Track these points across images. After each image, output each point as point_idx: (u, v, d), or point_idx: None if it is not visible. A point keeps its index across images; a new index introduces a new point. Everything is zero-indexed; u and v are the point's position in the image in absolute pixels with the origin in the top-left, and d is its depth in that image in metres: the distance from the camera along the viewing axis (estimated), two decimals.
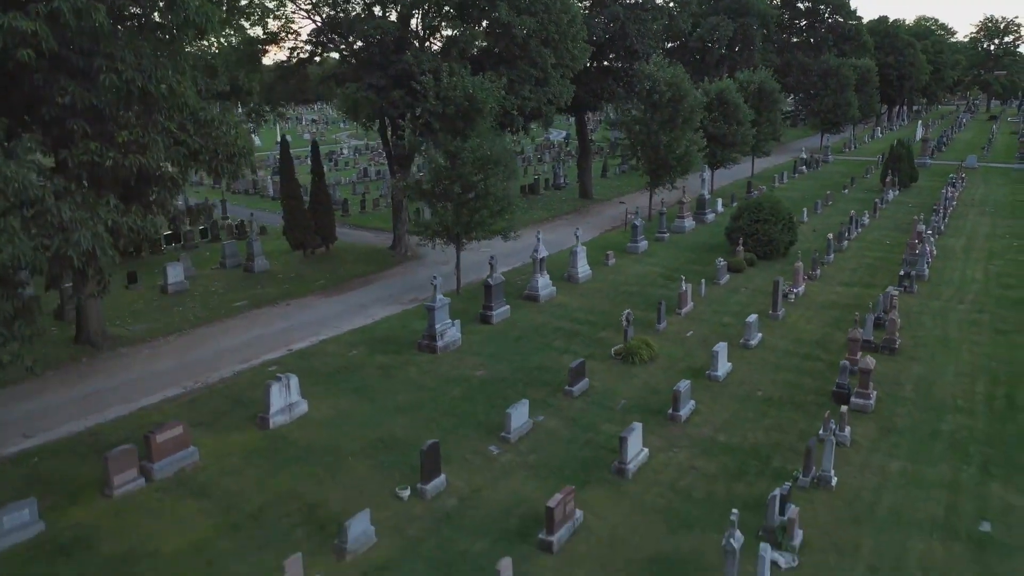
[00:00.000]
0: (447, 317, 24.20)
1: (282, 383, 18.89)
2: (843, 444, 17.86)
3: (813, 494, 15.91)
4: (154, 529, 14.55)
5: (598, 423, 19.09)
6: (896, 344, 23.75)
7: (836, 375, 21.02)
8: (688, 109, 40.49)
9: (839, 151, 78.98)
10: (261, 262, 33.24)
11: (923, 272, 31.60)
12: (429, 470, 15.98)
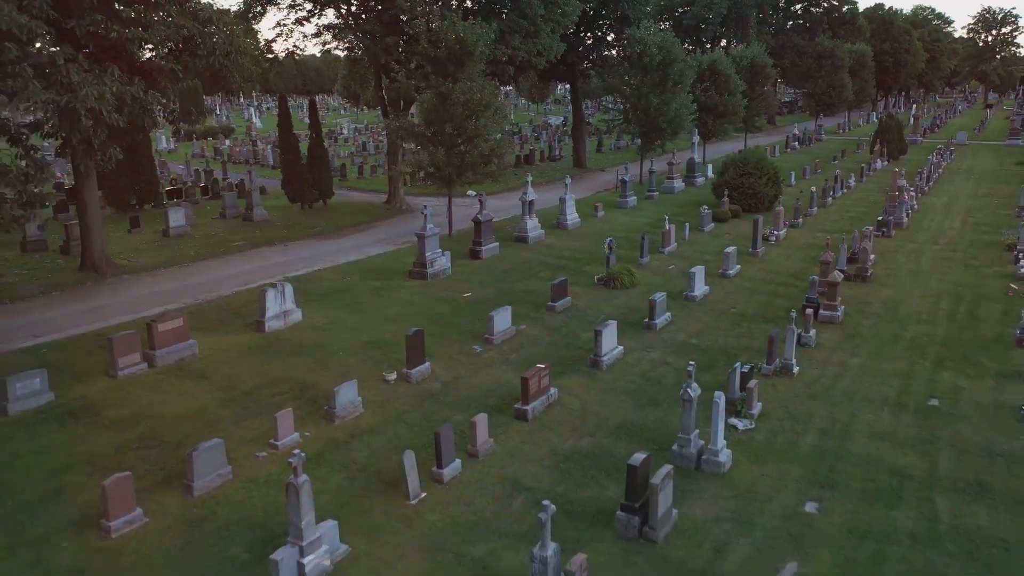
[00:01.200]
0: (437, 247, 25.21)
1: (277, 290, 19.92)
2: (807, 345, 18.87)
3: (775, 379, 16.91)
4: (156, 400, 15.58)
5: (578, 332, 20.06)
6: (868, 273, 24.74)
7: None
8: (678, 73, 41.42)
9: (833, 132, 79.85)
10: (260, 212, 34.22)
11: (902, 220, 32.56)
12: (414, 356, 16.99)
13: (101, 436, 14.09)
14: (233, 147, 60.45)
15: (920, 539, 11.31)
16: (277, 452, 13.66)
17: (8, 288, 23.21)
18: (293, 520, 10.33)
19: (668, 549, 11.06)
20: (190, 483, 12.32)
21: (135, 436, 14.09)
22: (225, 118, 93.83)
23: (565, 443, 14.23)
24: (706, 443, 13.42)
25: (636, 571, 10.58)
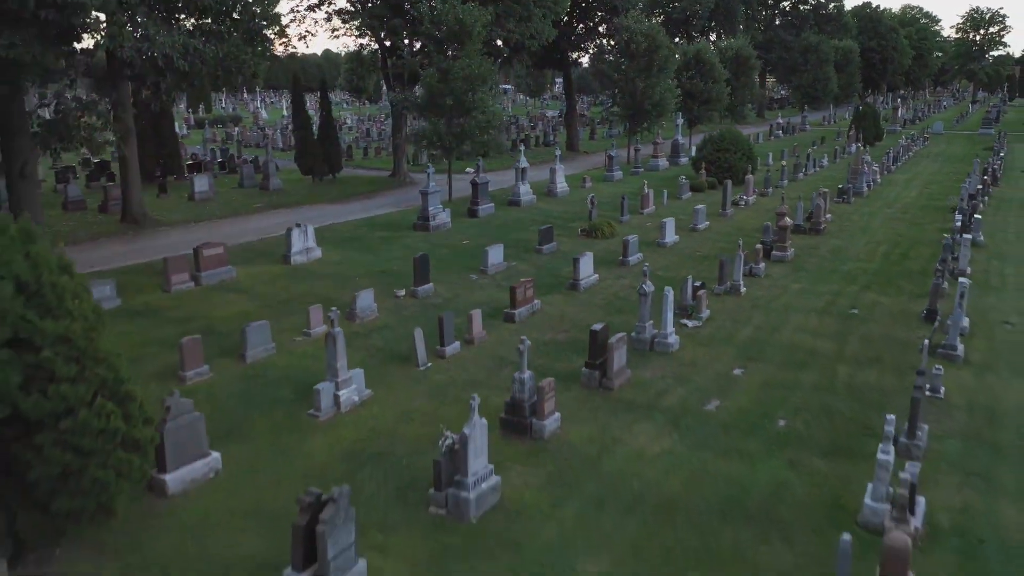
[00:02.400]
0: (439, 203, 28.37)
1: (300, 229, 23.06)
2: (757, 275, 22.01)
3: (724, 297, 20.04)
4: (206, 306, 18.71)
5: (561, 267, 23.17)
6: (821, 227, 27.90)
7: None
8: (662, 59, 44.58)
9: (817, 124, 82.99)
10: (275, 182, 37.32)
11: (862, 190, 35.73)
12: (420, 276, 20.13)
13: (165, 328, 17.18)
14: (244, 132, 63.49)
15: (819, 389, 14.44)
16: (310, 338, 16.77)
17: (58, 235, 26.29)
18: (331, 363, 13.44)
19: (620, 394, 14.18)
20: (243, 353, 15.45)
21: (193, 328, 17.15)
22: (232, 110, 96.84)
23: (545, 336, 17.34)
24: (658, 330, 16.54)
25: (595, 406, 13.71)
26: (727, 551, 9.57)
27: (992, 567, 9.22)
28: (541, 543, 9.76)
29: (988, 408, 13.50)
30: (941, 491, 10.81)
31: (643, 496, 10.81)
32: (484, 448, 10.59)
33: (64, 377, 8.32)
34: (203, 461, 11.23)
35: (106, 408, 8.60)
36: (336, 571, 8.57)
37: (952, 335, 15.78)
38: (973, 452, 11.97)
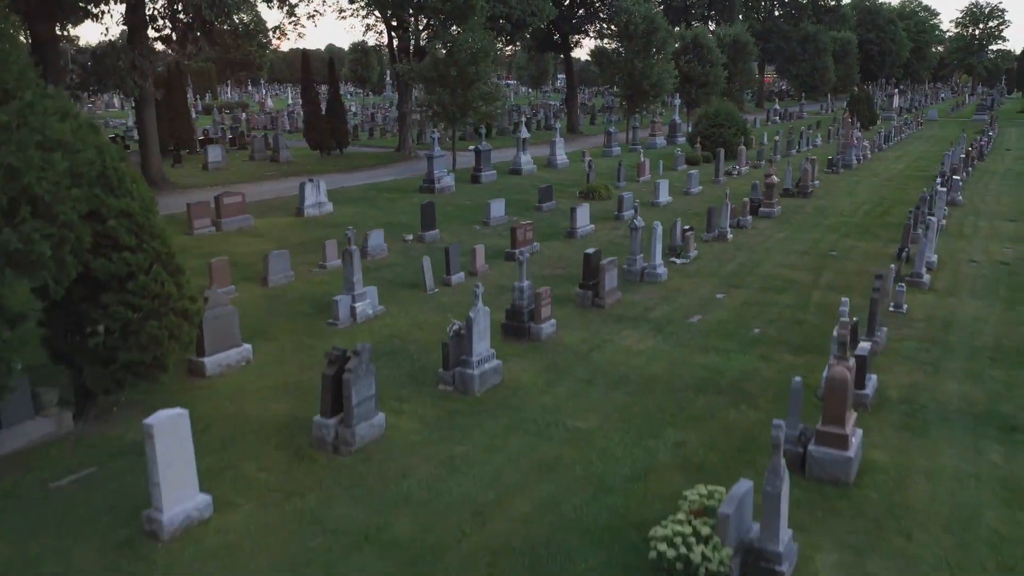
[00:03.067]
0: (444, 167, 29.71)
1: (313, 184, 24.43)
2: (744, 227, 23.33)
3: (712, 243, 21.39)
4: (227, 247, 20.04)
5: (559, 222, 24.51)
6: (808, 191, 29.22)
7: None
8: (660, 40, 45.89)
9: (815, 113, 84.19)
10: (285, 154, 38.70)
11: (851, 162, 37.02)
12: (427, 223, 21.49)
13: (191, 261, 18.30)
14: (252, 116, 64.87)
15: (793, 307, 15.78)
16: (325, 270, 18.14)
17: None
18: (347, 278, 14.80)
19: (611, 310, 15.53)
20: (265, 277, 16.83)
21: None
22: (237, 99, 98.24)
23: (543, 271, 18.68)
24: (648, 262, 17.87)
25: (588, 319, 15.06)
26: (700, 413, 10.92)
27: (930, 422, 10.56)
28: (537, 408, 11.11)
29: (945, 320, 14.83)
30: (894, 375, 12.14)
31: (628, 377, 12.16)
32: (487, 332, 11.94)
33: (126, 246, 9.68)
34: (236, 350, 12.59)
35: (161, 276, 9.97)
36: (359, 418, 9.93)
37: (918, 264, 17.12)
38: (927, 349, 13.30)
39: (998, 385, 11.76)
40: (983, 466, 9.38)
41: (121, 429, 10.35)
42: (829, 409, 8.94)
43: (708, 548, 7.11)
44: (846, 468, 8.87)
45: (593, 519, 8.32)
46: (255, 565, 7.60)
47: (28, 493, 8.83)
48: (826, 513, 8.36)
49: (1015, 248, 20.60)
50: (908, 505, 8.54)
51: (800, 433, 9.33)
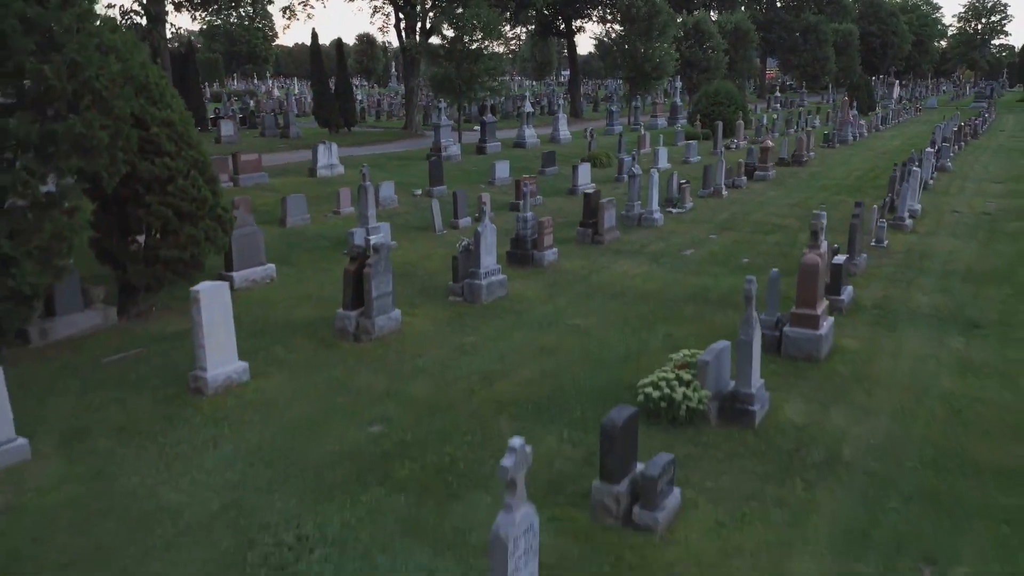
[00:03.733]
0: (450, 136, 30.70)
1: (326, 146, 25.42)
2: (740, 186, 24.28)
3: (708, 199, 22.36)
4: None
5: (562, 184, 25.48)
6: (803, 160, 30.15)
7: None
8: (661, 23, 46.84)
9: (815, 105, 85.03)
10: (295, 130, 39.68)
11: (847, 138, 37.94)
12: (435, 179, 22.48)
13: None
14: (260, 102, 65.89)
15: (780, 244, 16.76)
16: (340, 216, 19.13)
17: None
18: (362, 212, 15.79)
19: (609, 246, 16.52)
20: (283, 219, 17.84)
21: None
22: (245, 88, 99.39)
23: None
24: (645, 208, 18.84)
25: (587, 251, 16.05)
26: (690, 316, 11.91)
27: (900, 321, 11.54)
28: (539, 312, 12.11)
29: (923, 252, 15.80)
30: (870, 290, 13.12)
31: (624, 292, 13.16)
32: (493, 247, 12.94)
33: (167, 152, 10.69)
34: (262, 268, 13.61)
35: (198, 181, 10.98)
36: (378, 311, 10.94)
37: (901, 209, 18.08)
38: (902, 273, 14.27)
39: (965, 296, 12.73)
40: (944, 351, 10.36)
41: (160, 325, 11.37)
42: (802, 292, 9.92)
43: (689, 389, 8.11)
44: (817, 345, 9.85)
45: (589, 384, 9.31)
46: (290, 414, 8.60)
47: (83, 366, 9.84)
48: (798, 380, 9.35)
49: (998, 203, 21.54)
50: (872, 375, 9.52)
51: (776, 320, 10.31)
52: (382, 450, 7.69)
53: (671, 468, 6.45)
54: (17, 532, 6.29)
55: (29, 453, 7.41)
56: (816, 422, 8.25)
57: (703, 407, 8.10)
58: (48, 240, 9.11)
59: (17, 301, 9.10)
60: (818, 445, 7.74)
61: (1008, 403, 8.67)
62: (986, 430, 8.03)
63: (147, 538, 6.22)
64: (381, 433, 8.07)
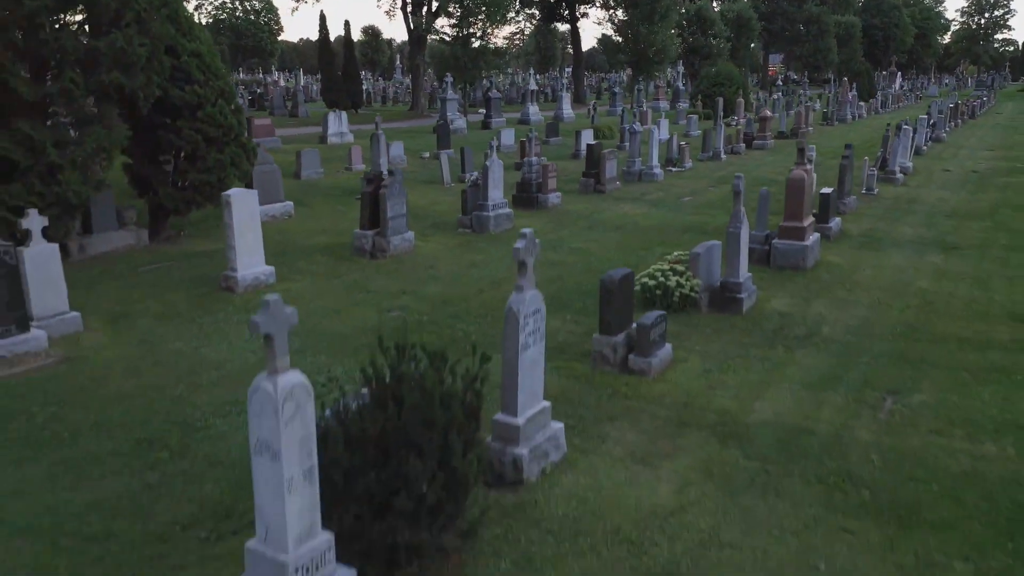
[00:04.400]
0: (457, 110, 31.43)
1: (336, 114, 26.16)
2: (738, 152, 24.98)
3: (707, 161, 23.07)
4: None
5: (566, 151, 26.22)
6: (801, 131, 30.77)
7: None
8: (664, 8, 47.50)
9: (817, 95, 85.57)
10: (303, 110, 40.46)
11: (845, 117, 38.60)
12: (443, 142, 23.21)
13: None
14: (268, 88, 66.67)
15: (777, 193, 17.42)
16: (351, 172, 19.87)
17: None
18: (374, 159, 16.52)
19: (611, 194, 17.24)
20: (298, 172, 18.58)
21: None
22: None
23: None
24: (645, 165, 19.56)
25: (589, 198, 16.79)
26: (686, 241, 12.58)
27: (884, 245, 12.25)
28: (545, 239, 12.80)
29: (911, 199, 16.50)
30: (858, 225, 13.82)
31: (624, 225, 13.89)
32: (500, 182, 13.68)
33: (196, 80, 11.43)
34: (280, 204, 14.36)
35: (224, 109, 11.72)
36: (392, 232, 11.67)
37: (892, 163, 18.76)
38: (890, 213, 14.97)
39: (948, 229, 13.44)
40: (923, 264, 11.07)
41: (189, 245, 12.13)
42: (789, 206, 10.64)
43: (682, 279, 8.83)
44: (803, 255, 10.56)
45: (589, 286, 10.00)
46: (315, 306, 9.33)
47: (121, 273, 10.59)
48: (785, 283, 10.08)
49: (988, 164, 22.21)
50: (854, 280, 10.24)
51: (766, 236, 11.03)
52: (401, 326, 8.43)
53: (662, 322, 7.18)
54: (79, 374, 7.04)
55: (81, 325, 8.16)
56: (799, 311, 8.97)
57: (695, 295, 8.82)
58: (89, 153, 9.85)
59: (63, 208, 9.83)
60: (800, 326, 8.46)
61: (976, 297, 9.38)
62: (953, 315, 8.74)
63: (194, 380, 6.96)
64: (399, 317, 8.81)
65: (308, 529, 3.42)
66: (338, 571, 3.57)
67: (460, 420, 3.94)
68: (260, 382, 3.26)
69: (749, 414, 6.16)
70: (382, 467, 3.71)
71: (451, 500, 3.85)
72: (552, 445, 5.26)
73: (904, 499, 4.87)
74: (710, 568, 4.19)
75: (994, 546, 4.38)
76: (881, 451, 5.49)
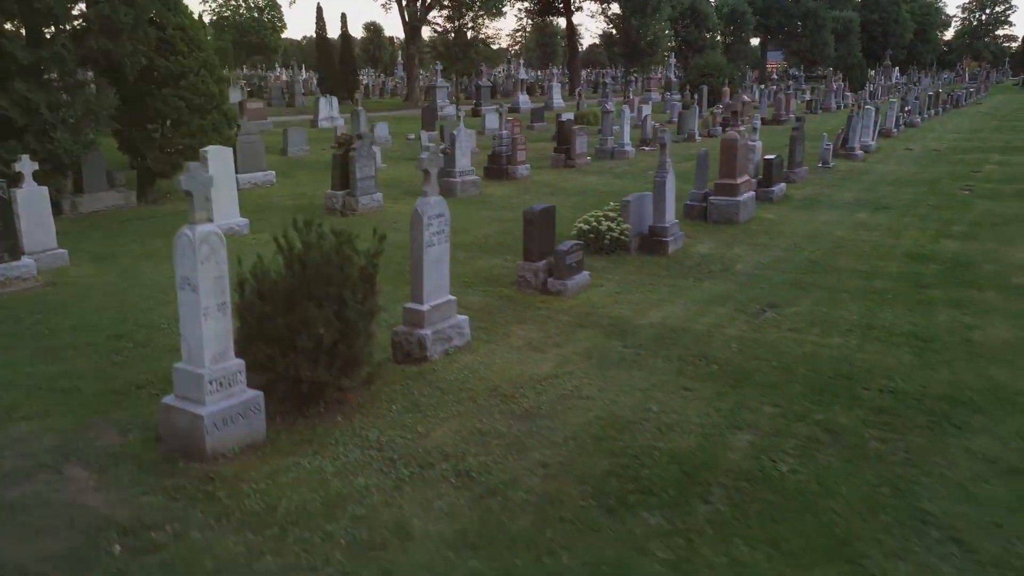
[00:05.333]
0: (447, 98, 32.36)
1: (327, 99, 27.13)
2: (715, 135, 25.80)
3: (682, 142, 23.94)
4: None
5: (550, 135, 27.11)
6: (783, 119, 31.65)
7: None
8: (657, 0, 48.29)
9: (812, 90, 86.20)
10: (300, 100, 41.50)
11: (830, 106, 39.38)
12: (429, 124, 24.14)
13: None
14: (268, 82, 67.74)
15: None
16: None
17: None
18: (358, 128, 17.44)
19: (581, 168, 18.16)
20: (285, 148, 19.58)
21: None
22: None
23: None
24: (617, 143, 20.45)
25: (559, 172, 17.69)
26: None
27: (820, 206, 13.14)
28: (505, 202, 13.77)
29: (863, 172, 17.36)
30: (803, 191, 14.70)
31: (585, 192, 14.81)
32: (467, 150, 14.61)
33: (180, 51, 12.39)
34: (263, 173, 15.32)
35: (207, 79, 12.67)
36: (361, 192, 12.61)
37: (852, 140, 19.61)
38: (839, 183, 15.84)
39: (885, 193, 14.32)
40: (848, 219, 11.96)
41: (173, 206, 13.08)
42: (724, 165, 11.54)
43: (613, 224, 9.75)
44: (736, 210, 11.46)
45: None
46: None
47: (109, 224, 11.56)
48: (715, 233, 10.98)
49: (951, 145, 23.02)
50: (780, 231, 11.14)
51: (704, 194, 11.93)
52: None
53: (577, 250, 8.11)
54: (63, 294, 8.00)
55: (68, 260, 9.12)
56: (720, 253, 9.87)
57: (625, 238, 9.73)
58: (80, 115, 10.82)
59: (55, 165, 10.80)
60: (716, 264, 9.36)
61: (884, 242, 10.28)
62: (857, 254, 9.64)
63: (163, 298, 7.87)
64: None
65: (222, 352, 4.36)
66: (247, 392, 4.51)
67: (355, 281, 4.87)
68: (182, 230, 4.19)
69: (641, 319, 7.07)
70: (287, 314, 4.65)
71: (345, 343, 4.78)
72: (456, 332, 6.19)
73: (744, 370, 5.79)
74: (565, 411, 5.11)
75: (803, 398, 5.28)
76: (742, 343, 6.41)
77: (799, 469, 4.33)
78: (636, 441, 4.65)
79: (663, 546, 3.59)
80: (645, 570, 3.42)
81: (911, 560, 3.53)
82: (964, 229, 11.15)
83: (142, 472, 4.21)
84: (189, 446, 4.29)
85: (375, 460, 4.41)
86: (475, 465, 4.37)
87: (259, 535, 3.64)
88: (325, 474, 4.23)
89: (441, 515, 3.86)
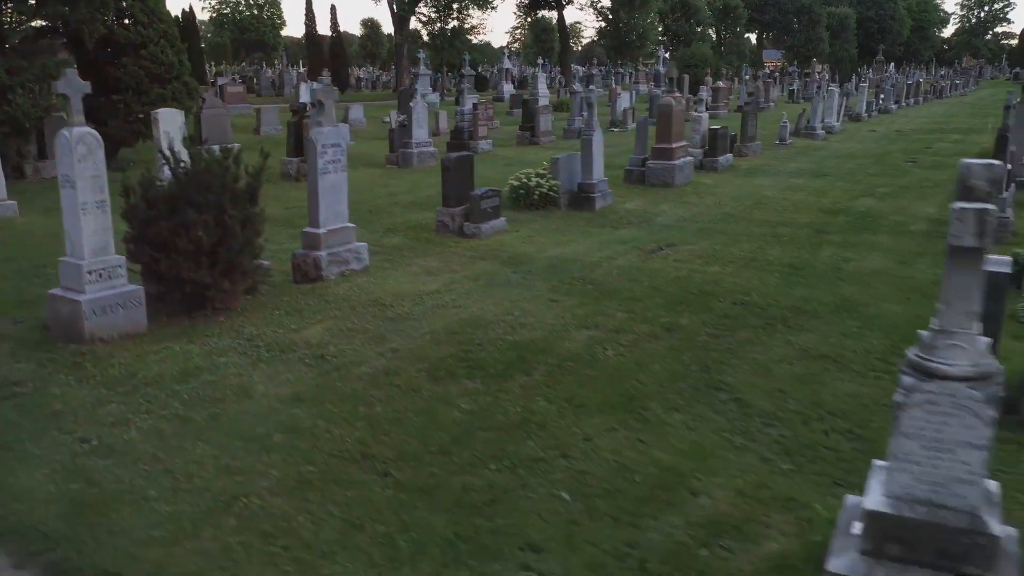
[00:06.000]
0: (429, 85, 32.77)
1: (308, 84, 27.56)
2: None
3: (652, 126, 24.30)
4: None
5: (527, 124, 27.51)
6: (761, 107, 31.98)
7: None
8: None
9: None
10: (289, 89, 41.90)
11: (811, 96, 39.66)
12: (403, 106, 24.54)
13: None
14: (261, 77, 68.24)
15: None
16: None
17: None
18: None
19: (544, 146, 18.59)
20: (258, 128, 20.00)
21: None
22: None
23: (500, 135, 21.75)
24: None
25: (522, 149, 18.13)
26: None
27: (764, 174, 13.54)
28: None
29: (818, 148, 17.75)
30: (752, 162, 15.10)
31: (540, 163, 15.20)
32: (424, 122, 15.05)
33: (140, 21, 12.84)
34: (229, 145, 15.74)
35: (167, 49, 13.12)
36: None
37: (813, 120, 20.00)
38: (791, 157, 16.23)
39: (831, 165, 14.71)
40: (784, 184, 12.37)
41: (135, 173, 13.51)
42: (660, 129, 11.96)
43: (543, 180, 10.18)
44: (672, 173, 11.87)
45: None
46: None
47: None
48: (648, 193, 11.39)
49: (916, 126, 23.40)
50: (712, 192, 11.55)
51: (643, 159, 12.35)
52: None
53: (493, 196, 8.54)
54: (4, 233, 8.45)
55: (18, 212, 9.57)
56: (646, 209, 10.29)
57: (554, 194, 10.15)
58: (37, 76, 11.27)
59: (15, 128, 11.26)
60: (638, 217, 9.78)
61: (806, 200, 10.69)
62: (775, 209, 10.05)
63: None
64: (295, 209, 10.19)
65: (103, 247, 4.80)
66: (128, 286, 4.95)
67: (238, 192, 5.31)
68: (61, 132, 4.63)
69: (541, 255, 7.50)
70: (169, 218, 5.09)
71: (224, 248, 5.22)
72: (353, 256, 6.63)
73: (614, 288, 6.21)
74: (434, 316, 5.54)
75: (658, 308, 5.71)
76: (625, 271, 6.83)
77: (625, 355, 4.76)
78: (487, 335, 5.08)
79: (470, 401, 4.02)
80: (445, 416, 3.85)
81: (688, 412, 3.96)
82: (889, 191, 11.55)
83: (24, 349, 4.65)
84: (70, 330, 4.73)
85: (242, 347, 4.85)
86: (333, 351, 4.80)
87: (112, 391, 4.08)
88: (191, 355, 4.67)
89: (285, 383, 4.30)
